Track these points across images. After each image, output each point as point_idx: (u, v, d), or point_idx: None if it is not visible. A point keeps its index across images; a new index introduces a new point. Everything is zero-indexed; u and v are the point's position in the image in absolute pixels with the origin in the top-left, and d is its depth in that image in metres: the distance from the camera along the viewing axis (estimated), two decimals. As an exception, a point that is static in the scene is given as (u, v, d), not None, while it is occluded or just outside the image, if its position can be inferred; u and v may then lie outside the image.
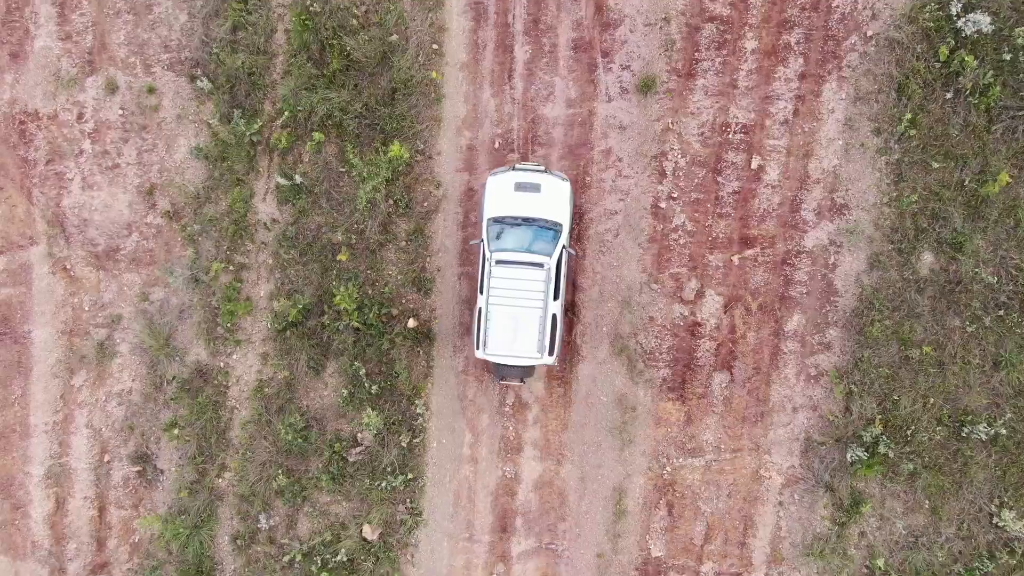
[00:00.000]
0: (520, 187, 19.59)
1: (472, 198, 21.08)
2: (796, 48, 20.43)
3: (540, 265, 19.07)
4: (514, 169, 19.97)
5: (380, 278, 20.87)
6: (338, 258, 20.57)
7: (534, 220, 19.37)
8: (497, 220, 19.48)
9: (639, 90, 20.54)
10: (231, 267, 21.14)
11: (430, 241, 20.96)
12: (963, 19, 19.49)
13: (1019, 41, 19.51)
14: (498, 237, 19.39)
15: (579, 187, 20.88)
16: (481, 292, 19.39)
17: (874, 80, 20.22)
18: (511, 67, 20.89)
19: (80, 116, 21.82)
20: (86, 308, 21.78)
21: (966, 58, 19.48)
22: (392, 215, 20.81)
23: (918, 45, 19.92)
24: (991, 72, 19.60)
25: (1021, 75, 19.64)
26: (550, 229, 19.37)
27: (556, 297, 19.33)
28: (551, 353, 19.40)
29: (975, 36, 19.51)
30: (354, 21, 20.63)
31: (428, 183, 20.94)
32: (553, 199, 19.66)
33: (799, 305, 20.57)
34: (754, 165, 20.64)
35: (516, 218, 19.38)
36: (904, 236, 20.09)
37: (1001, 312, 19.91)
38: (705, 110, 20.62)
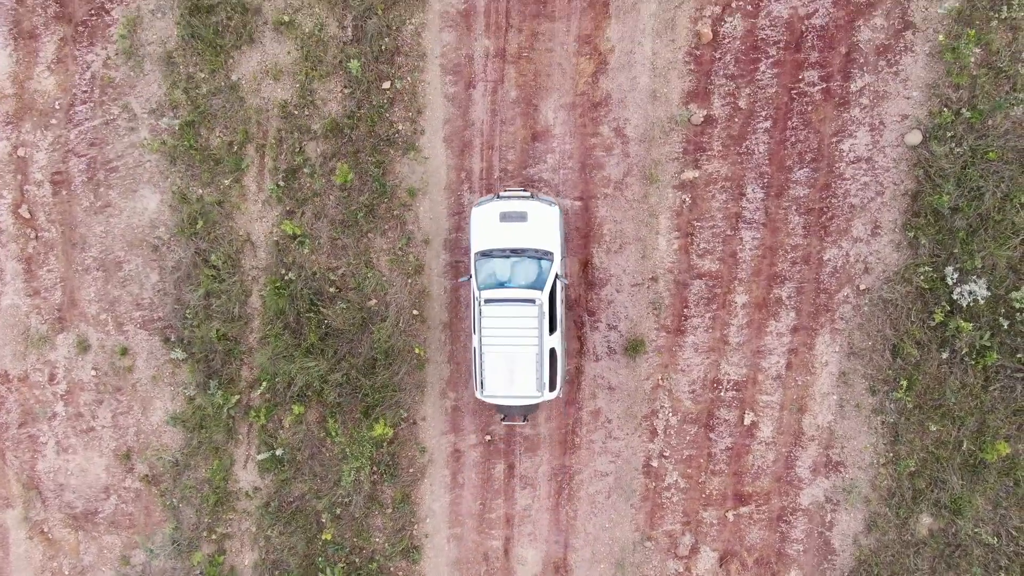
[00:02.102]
0: (505, 217, 18.33)
1: (459, 459, 20.42)
2: (788, 302, 19.74)
3: (532, 301, 18.09)
4: (498, 197, 18.81)
5: (367, 546, 20.24)
6: (323, 537, 19.93)
7: (523, 251, 18.26)
8: (484, 254, 18.37)
9: (627, 352, 19.83)
10: (214, 536, 20.48)
11: (417, 508, 20.28)
12: (958, 290, 18.84)
13: (1016, 305, 18.88)
14: (486, 272, 18.32)
15: (568, 447, 20.24)
16: (475, 331, 18.33)
17: (868, 336, 19.57)
18: (495, 326, 20.16)
19: (52, 377, 20.99)
20: (66, 572, 21.11)
21: (962, 325, 18.83)
22: (377, 483, 20.14)
23: (912, 305, 19.27)
24: (988, 334, 18.99)
25: (1018, 337, 19.03)
26: (540, 259, 18.27)
27: (552, 330, 18.15)
28: (552, 388, 18.32)
29: (971, 303, 18.88)
30: (331, 288, 19.85)
31: (413, 448, 20.22)
32: (541, 227, 18.35)
33: (796, 562, 20.03)
34: (747, 421, 20.03)
35: (504, 250, 18.28)
36: (902, 499, 19.50)
37: (1003, 575, 19.45)
38: (696, 367, 19.95)
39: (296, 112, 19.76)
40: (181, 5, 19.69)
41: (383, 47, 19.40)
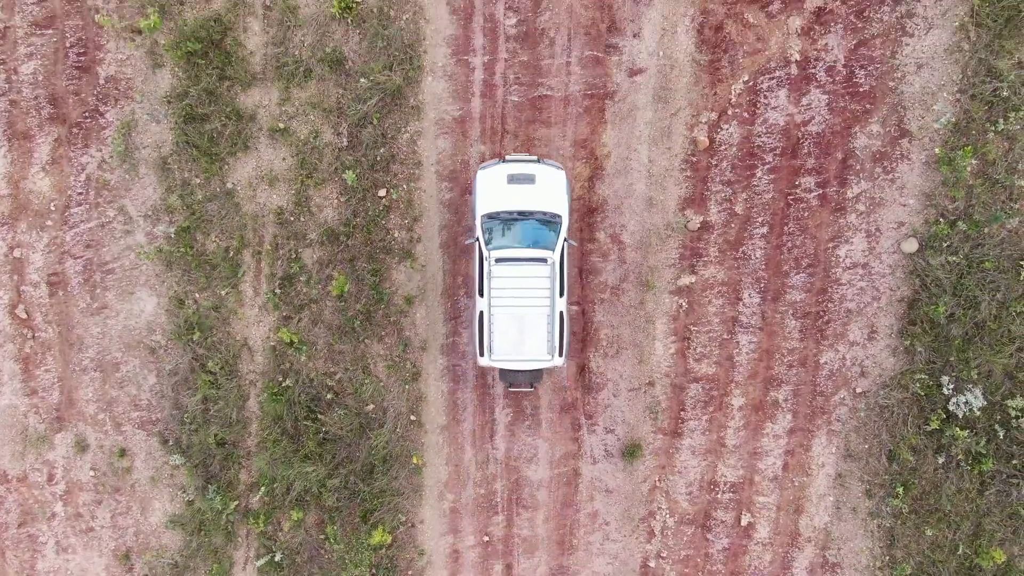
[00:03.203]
0: (513, 179, 17.75)
1: (458, 559, 20.46)
2: (784, 404, 19.73)
3: (543, 260, 17.59)
4: (504, 161, 18.26)
5: (367, 647, 20.30)
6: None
7: (531, 213, 17.69)
8: (491, 216, 17.69)
9: (624, 456, 19.84)
10: (214, 638, 20.53)
11: (416, 610, 20.38)
12: (954, 400, 18.85)
13: (1012, 413, 18.90)
14: (494, 234, 17.72)
15: (566, 548, 20.29)
16: (480, 295, 17.70)
17: (864, 439, 19.59)
18: (492, 428, 20.13)
19: (51, 477, 20.97)
20: (67, 670, 21.17)
21: (958, 433, 18.84)
22: (376, 586, 20.20)
23: (908, 411, 19.27)
24: (984, 441, 19.02)
25: (1014, 444, 19.05)
26: (549, 221, 17.76)
27: (561, 293, 17.77)
28: (561, 354, 17.89)
29: (967, 413, 18.90)
30: (328, 394, 19.82)
31: (412, 550, 20.24)
32: (549, 189, 17.78)
33: (793, 661, 20.15)
34: (744, 522, 20.06)
35: (512, 212, 17.70)
36: (898, 602, 19.63)
37: (997, 677, 19.53)
38: (693, 468, 19.97)
39: (292, 219, 19.68)
40: (175, 113, 19.57)
41: (378, 156, 19.32)
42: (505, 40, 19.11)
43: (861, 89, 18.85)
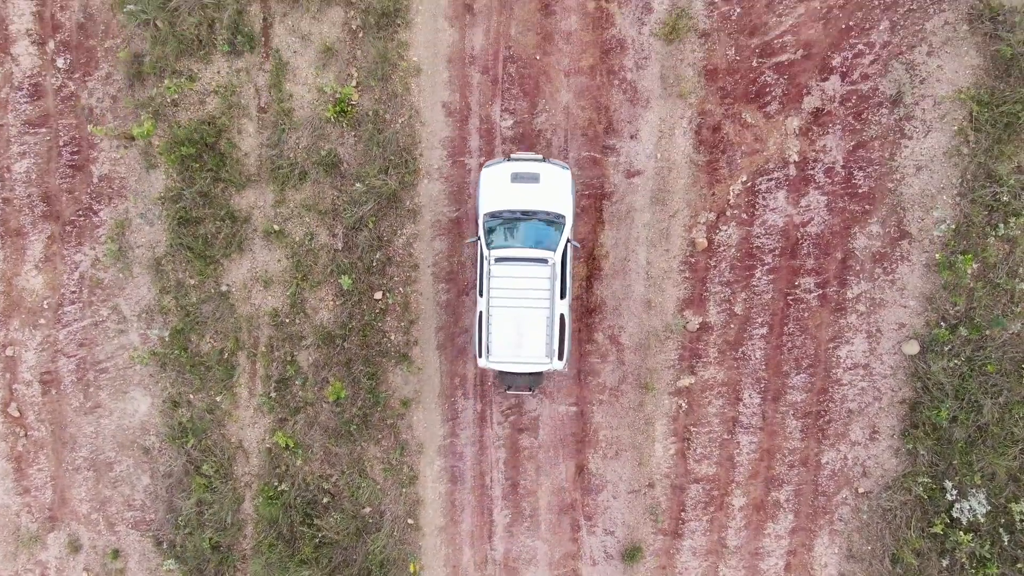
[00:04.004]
0: (517, 178, 17.38)
1: (456, 661, 20.17)
2: (786, 504, 19.49)
3: (544, 261, 17.13)
4: (509, 159, 17.84)
5: None
6: None
7: (534, 213, 17.29)
8: (494, 215, 17.31)
9: (624, 557, 19.56)
10: None
11: None
12: (958, 506, 18.63)
13: (1017, 517, 18.68)
14: (496, 233, 17.33)
15: (566, 650, 19.99)
16: (480, 295, 17.31)
17: (867, 540, 19.35)
18: (491, 529, 19.88)
19: (43, 579, 20.73)
20: None
21: (961, 537, 18.60)
22: None
23: (911, 514, 19.04)
24: (988, 545, 18.79)
25: (1019, 548, 18.82)
26: (552, 222, 17.30)
27: (563, 296, 17.32)
28: (560, 357, 17.47)
29: (971, 518, 18.67)
30: (324, 498, 19.57)
31: (410, 654, 19.98)
32: (553, 189, 17.36)
33: None
34: (746, 624, 19.81)
35: (514, 211, 17.30)
36: None
37: None
38: (693, 570, 19.66)
39: (287, 321, 19.47)
40: (169, 215, 19.40)
41: (374, 260, 19.14)
42: (501, 141, 18.98)
43: (860, 190, 18.71)
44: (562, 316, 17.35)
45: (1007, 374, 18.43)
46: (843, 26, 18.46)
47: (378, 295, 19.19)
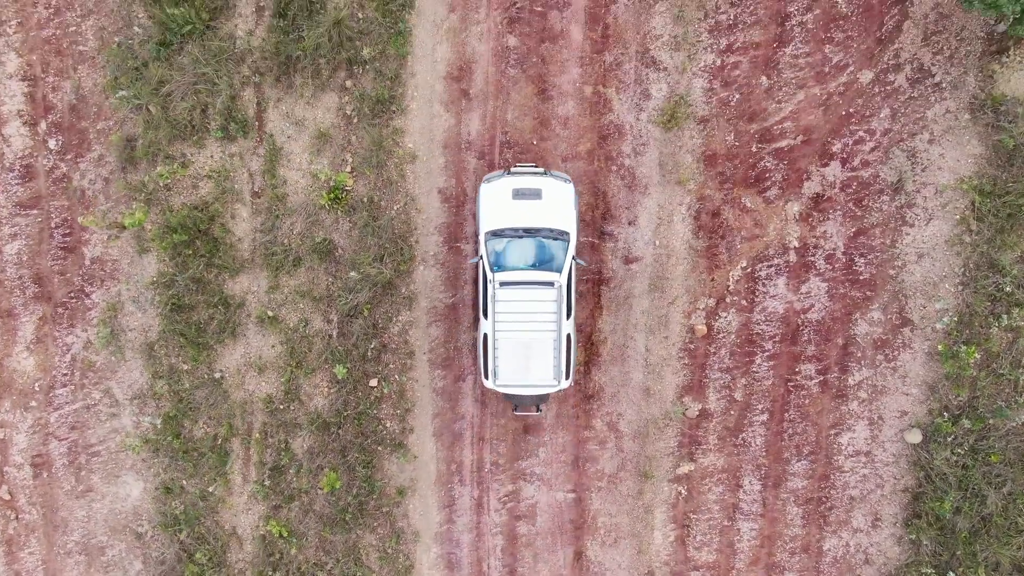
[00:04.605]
0: (519, 194, 16.87)
1: None
2: (787, 592, 19.28)
3: (550, 284, 16.85)
4: (509, 173, 17.36)
5: None
6: None
7: (537, 230, 16.92)
8: (495, 233, 16.90)
9: (624, 647, 19.35)
10: None
11: None
12: (962, 599, 18.39)
13: (1021, 609, 18.43)
14: (499, 253, 16.89)
15: None
16: (485, 316, 16.87)
17: (870, 629, 19.13)
18: (488, 617, 19.64)
19: (34, 664, 20.42)
20: None
21: (967, 631, 18.39)
22: None
23: (915, 606, 18.81)
24: (993, 638, 18.53)
25: (1024, 639, 18.57)
26: (556, 239, 16.92)
27: (568, 315, 16.94)
28: (567, 378, 17.15)
29: (976, 611, 18.43)
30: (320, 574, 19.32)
31: None
32: (556, 204, 16.88)
33: None
34: None
35: (517, 229, 16.91)
36: None
37: None
38: (694, 658, 19.46)
39: (281, 407, 19.20)
40: (161, 300, 19.16)
41: (370, 348, 18.90)
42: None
43: (861, 277, 18.49)
44: (568, 336, 17.00)
45: (1011, 464, 18.19)
46: (843, 113, 18.26)
47: (373, 382, 18.95)
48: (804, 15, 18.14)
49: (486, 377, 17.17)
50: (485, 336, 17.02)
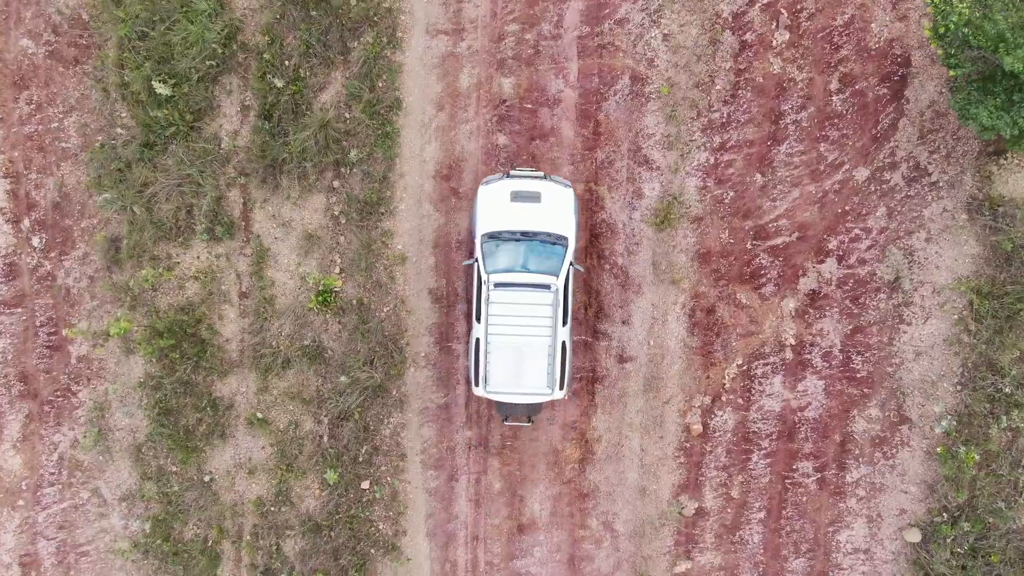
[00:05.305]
0: (517, 197, 16.56)
1: None
2: None
3: (547, 287, 16.44)
4: (508, 176, 17.06)
5: None
6: None
7: (535, 234, 16.53)
8: (492, 236, 16.51)
9: None
10: None
11: None
12: None
13: None
14: (494, 256, 16.54)
15: None
16: (478, 320, 16.52)
17: None
18: None
19: None
20: None
21: None
22: None
23: None
24: None
25: None
26: (554, 244, 16.57)
27: (564, 322, 16.62)
28: (561, 387, 16.76)
29: None
30: None
31: None
32: (556, 209, 16.56)
33: None
34: None
35: (514, 232, 16.53)
36: None
37: None
38: None
39: (272, 509, 18.92)
40: (149, 403, 18.88)
41: (361, 452, 18.64)
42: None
43: (859, 374, 18.25)
44: (563, 344, 16.63)
45: (1012, 563, 17.99)
46: (839, 210, 18.02)
47: (365, 484, 18.69)
48: (798, 113, 17.88)
49: (476, 384, 16.75)
50: (477, 341, 16.64)
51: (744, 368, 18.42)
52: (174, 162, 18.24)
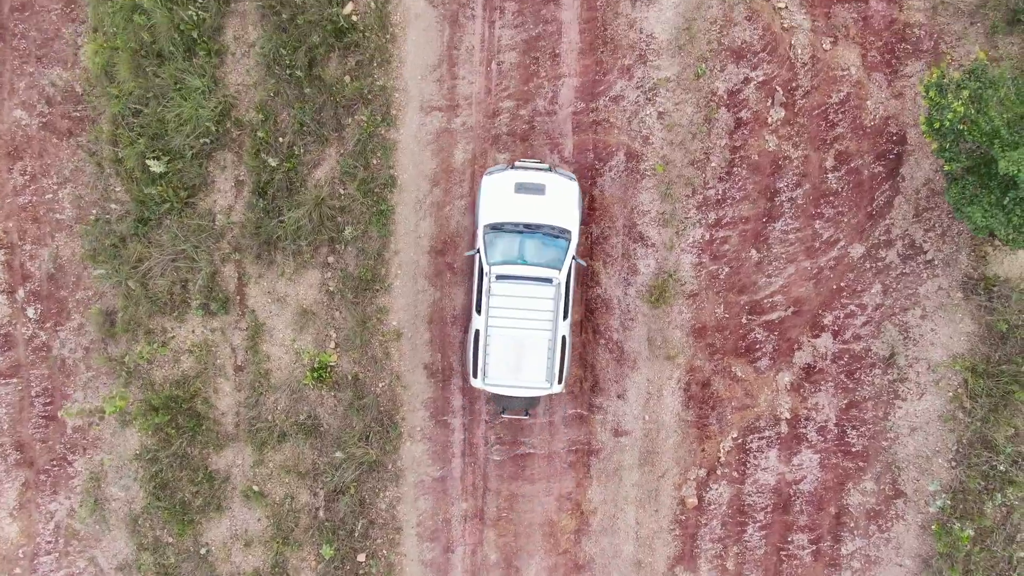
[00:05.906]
0: (521, 188, 16.40)
1: None
2: None
3: (548, 280, 16.38)
4: (513, 167, 16.89)
5: None
6: None
7: (539, 227, 16.42)
8: (495, 227, 16.40)
9: None
10: None
11: None
12: None
13: None
14: (497, 247, 16.44)
15: None
16: (478, 312, 16.43)
17: None
18: None
19: None
20: None
21: None
22: None
23: None
24: None
25: None
26: (557, 237, 16.43)
27: (565, 316, 16.49)
28: (560, 381, 16.74)
29: None
30: None
31: None
32: (560, 202, 16.43)
33: None
34: None
35: (517, 224, 16.41)
36: None
37: None
38: None
39: (269, 582, 19.02)
40: (145, 475, 18.89)
41: (357, 526, 18.65)
42: (486, 401, 18.51)
43: (854, 448, 18.27)
44: (563, 338, 16.55)
45: (1007, 638, 18.04)
46: (834, 286, 18.00)
47: (361, 557, 18.72)
48: (794, 190, 17.85)
49: (474, 376, 16.65)
50: (476, 332, 16.53)
51: (739, 441, 18.44)
52: (168, 237, 18.21)
